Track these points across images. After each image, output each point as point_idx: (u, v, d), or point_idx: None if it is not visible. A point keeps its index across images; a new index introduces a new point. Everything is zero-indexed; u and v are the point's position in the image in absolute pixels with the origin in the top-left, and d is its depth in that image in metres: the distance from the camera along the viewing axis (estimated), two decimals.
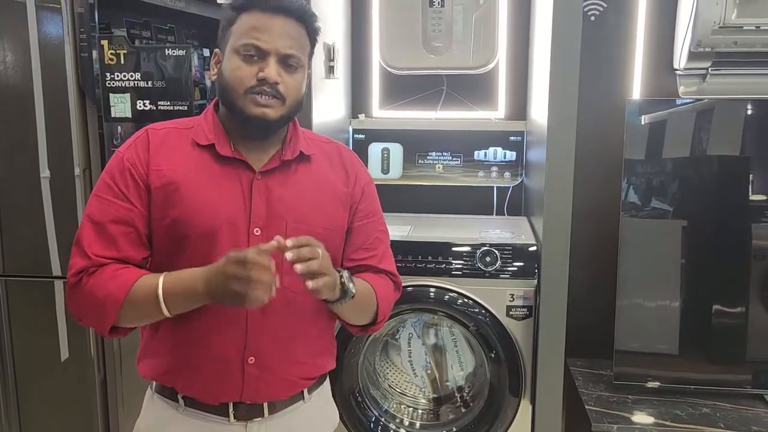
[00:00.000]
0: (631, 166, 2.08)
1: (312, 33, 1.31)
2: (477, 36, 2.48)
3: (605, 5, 2.37)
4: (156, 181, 1.26)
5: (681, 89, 2.34)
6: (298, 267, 1.14)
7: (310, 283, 1.16)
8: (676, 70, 2.33)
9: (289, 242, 1.15)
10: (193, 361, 1.29)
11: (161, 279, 1.22)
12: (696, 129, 2.08)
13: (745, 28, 2.13)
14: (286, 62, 1.25)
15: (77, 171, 2.07)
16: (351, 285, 1.28)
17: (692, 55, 2.22)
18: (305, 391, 1.38)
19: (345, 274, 1.28)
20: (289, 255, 1.15)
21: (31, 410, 2.21)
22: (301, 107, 1.33)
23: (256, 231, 1.27)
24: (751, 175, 2.07)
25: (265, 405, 1.32)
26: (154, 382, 1.36)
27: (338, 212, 1.37)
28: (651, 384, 2.12)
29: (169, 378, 1.32)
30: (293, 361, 1.33)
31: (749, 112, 2.06)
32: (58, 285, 2.14)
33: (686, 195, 2.11)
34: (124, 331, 1.30)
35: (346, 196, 1.38)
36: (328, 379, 1.48)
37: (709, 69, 2.26)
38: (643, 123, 2.08)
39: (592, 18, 2.36)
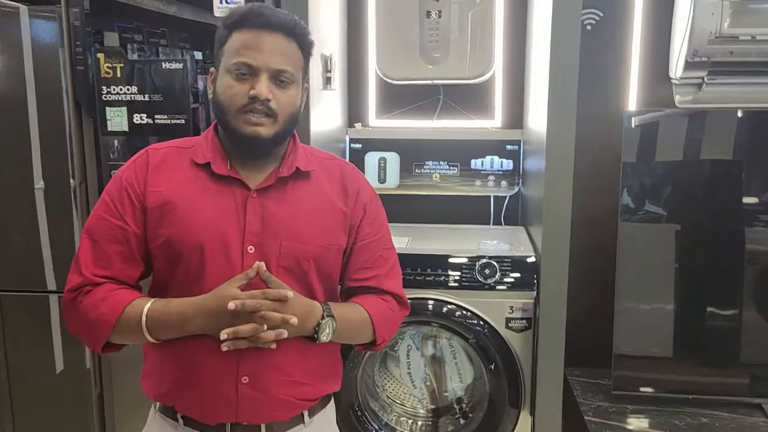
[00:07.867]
0: (628, 171, 2.08)
1: (305, 47, 1.30)
2: (474, 46, 2.48)
3: (601, 14, 2.37)
4: (152, 202, 1.26)
5: (677, 98, 2.35)
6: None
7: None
8: (672, 79, 2.33)
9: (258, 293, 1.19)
10: (189, 380, 1.28)
11: (146, 307, 1.23)
12: (691, 135, 2.08)
13: (740, 38, 2.14)
14: (278, 78, 1.24)
15: (73, 183, 2.05)
16: (324, 334, 1.27)
17: (688, 65, 2.22)
18: (306, 413, 1.35)
19: (325, 323, 1.27)
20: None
21: (27, 425, 2.18)
22: (297, 123, 1.31)
23: (250, 249, 1.26)
24: (743, 179, 2.07)
25: (263, 427, 1.31)
26: (157, 402, 1.35)
27: (336, 231, 1.35)
28: (645, 389, 2.12)
29: (168, 398, 1.32)
30: (290, 382, 1.31)
31: (743, 119, 2.06)
32: (53, 299, 2.12)
33: (682, 199, 2.11)
34: (117, 347, 1.30)
35: (345, 215, 1.36)
36: (332, 402, 1.45)
37: (705, 78, 2.27)
38: (633, 126, 2.08)
39: (588, 27, 2.37)
